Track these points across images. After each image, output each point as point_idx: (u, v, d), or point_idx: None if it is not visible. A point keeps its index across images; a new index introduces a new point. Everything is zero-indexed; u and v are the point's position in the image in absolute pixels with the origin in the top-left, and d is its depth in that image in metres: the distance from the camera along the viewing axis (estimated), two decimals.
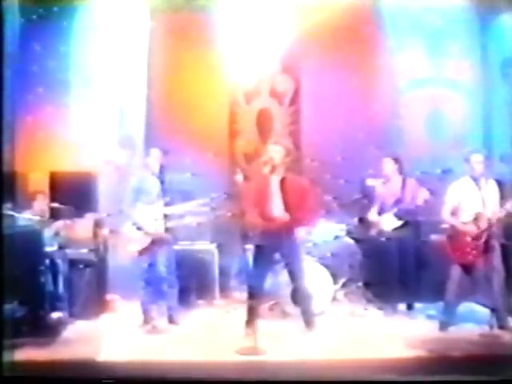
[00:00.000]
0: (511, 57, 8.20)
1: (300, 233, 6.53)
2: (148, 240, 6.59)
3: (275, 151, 6.28)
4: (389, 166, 7.20)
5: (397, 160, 7.21)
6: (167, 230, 6.69)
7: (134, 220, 6.60)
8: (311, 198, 6.25)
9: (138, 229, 6.57)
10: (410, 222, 7.14)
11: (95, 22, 8.17)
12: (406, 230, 7.12)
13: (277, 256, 6.35)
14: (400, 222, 7.11)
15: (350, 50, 8.15)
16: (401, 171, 7.21)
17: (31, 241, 6.44)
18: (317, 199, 6.38)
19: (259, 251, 6.23)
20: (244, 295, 6.64)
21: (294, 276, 6.34)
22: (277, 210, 6.18)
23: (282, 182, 6.26)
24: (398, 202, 7.15)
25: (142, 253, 6.59)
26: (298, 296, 6.42)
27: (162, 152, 6.76)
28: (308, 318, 6.34)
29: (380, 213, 7.22)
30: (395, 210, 7.11)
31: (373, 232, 7.24)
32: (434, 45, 8.54)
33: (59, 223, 7.18)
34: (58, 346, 6.12)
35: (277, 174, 6.25)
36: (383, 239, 7.12)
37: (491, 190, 6.44)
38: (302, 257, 6.47)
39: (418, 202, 6.96)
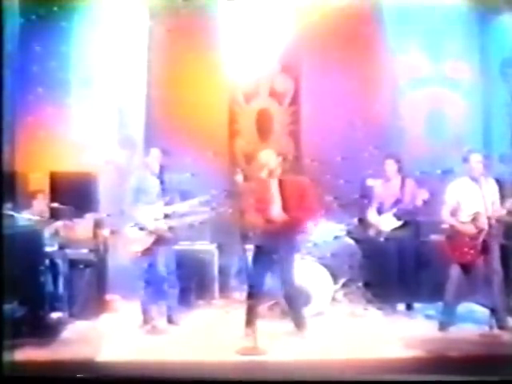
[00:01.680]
0: (511, 57, 8.21)
1: (299, 233, 6.53)
2: (149, 240, 6.59)
3: (268, 155, 6.30)
4: (391, 167, 7.21)
5: (398, 160, 7.23)
6: (168, 229, 6.69)
7: (134, 220, 6.60)
8: (310, 197, 6.24)
9: (141, 229, 6.57)
10: (410, 222, 7.15)
11: (95, 22, 8.17)
12: (406, 230, 7.12)
13: (275, 257, 6.34)
14: (399, 223, 7.12)
15: (350, 50, 8.14)
16: (400, 171, 7.23)
17: (31, 241, 6.44)
18: (316, 198, 6.38)
19: (258, 252, 6.24)
20: (244, 295, 6.64)
21: (283, 280, 6.35)
22: (275, 211, 6.20)
23: (280, 184, 6.27)
24: (397, 202, 7.15)
25: (142, 253, 6.59)
26: (287, 299, 6.41)
27: (162, 152, 6.76)
28: (298, 320, 6.32)
29: (379, 213, 7.23)
30: (395, 210, 7.12)
31: (372, 232, 7.25)
32: (433, 45, 8.53)
33: (59, 223, 7.18)
34: (58, 345, 6.12)
35: (274, 176, 6.26)
36: (383, 239, 7.13)
37: (490, 189, 6.43)
38: (293, 261, 6.41)
39: (417, 202, 6.97)
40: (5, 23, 6.16)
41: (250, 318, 6.16)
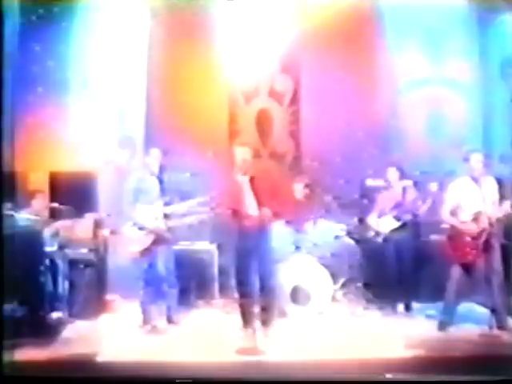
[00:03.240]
0: (511, 57, 8.21)
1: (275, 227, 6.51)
2: (148, 240, 6.58)
3: (241, 153, 6.28)
4: (393, 174, 7.20)
5: (400, 168, 7.22)
6: (167, 229, 6.69)
7: (134, 220, 6.60)
8: (282, 191, 6.24)
9: (140, 229, 6.57)
10: (410, 222, 7.14)
11: (95, 22, 8.17)
12: (406, 230, 7.12)
13: (254, 252, 6.25)
14: (399, 223, 7.11)
15: (350, 49, 8.15)
16: (401, 178, 7.21)
17: (31, 241, 6.44)
18: (289, 192, 6.36)
19: (241, 248, 6.23)
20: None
21: (262, 273, 6.25)
22: (248, 208, 6.19)
23: (251, 181, 6.26)
24: (398, 205, 7.14)
25: (142, 253, 6.59)
26: (262, 293, 6.32)
27: (162, 152, 6.76)
28: (266, 317, 6.24)
29: (380, 217, 7.22)
30: (395, 212, 7.11)
31: (372, 233, 7.24)
32: (433, 45, 8.54)
33: (59, 223, 7.18)
34: (58, 345, 6.12)
35: (246, 174, 6.25)
36: (383, 240, 7.12)
37: (491, 189, 6.43)
38: (272, 255, 6.38)
39: (418, 209, 6.97)
40: (5, 23, 6.16)
41: (246, 317, 6.17)
